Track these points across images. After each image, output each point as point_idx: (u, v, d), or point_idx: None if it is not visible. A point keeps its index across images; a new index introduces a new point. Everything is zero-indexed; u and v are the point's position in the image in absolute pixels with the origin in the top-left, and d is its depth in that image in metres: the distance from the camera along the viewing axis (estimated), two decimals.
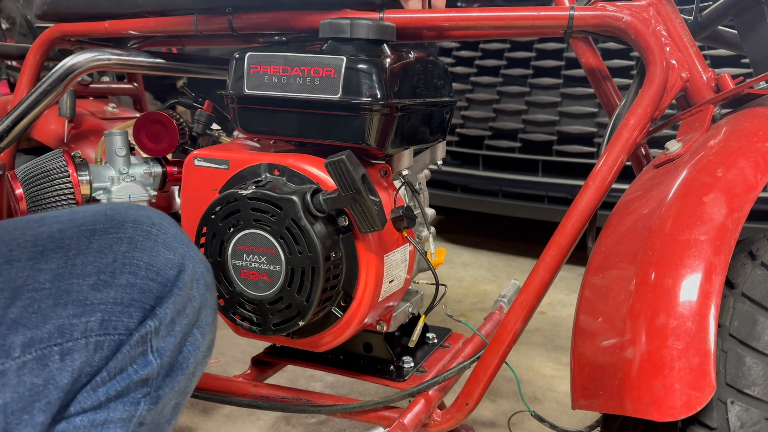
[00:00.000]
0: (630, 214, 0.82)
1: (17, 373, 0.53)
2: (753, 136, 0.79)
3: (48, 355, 0.54)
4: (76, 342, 0.56)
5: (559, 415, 1.61)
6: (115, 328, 0.57)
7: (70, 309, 0.56)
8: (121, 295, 0.58)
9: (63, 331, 0.55)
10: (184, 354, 0.63)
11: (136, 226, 0.61)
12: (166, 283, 0.60)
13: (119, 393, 0.58)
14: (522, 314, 0.93)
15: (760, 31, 1.05)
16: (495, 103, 2.73)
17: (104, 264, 0.58)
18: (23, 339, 0.54)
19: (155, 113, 1.28)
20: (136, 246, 0.60)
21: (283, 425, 1.55)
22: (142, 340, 0.59)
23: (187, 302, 0.62)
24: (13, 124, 1.18)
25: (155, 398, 0.61)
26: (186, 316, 0.63)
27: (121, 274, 0.58)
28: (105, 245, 0.58)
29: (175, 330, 0.62)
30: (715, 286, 0.69)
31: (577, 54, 1.11)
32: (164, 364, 0.61)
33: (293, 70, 0.94)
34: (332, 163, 0.85)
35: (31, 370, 0.54)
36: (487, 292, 2.48)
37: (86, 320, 0.56)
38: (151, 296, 0.59)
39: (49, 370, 0.54)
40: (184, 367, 0.63)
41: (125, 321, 0.58)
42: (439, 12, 1.00)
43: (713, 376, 0.66)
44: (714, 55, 2.31)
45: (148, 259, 0.60)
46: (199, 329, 0.65)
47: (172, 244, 0.62)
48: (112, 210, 0.62)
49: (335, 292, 0.96)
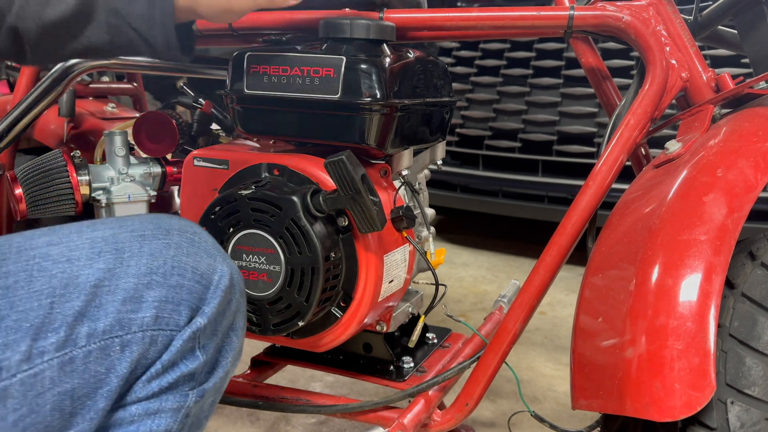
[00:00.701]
0: (630, 214, 0.82)
1: (83, 361, 0.58)
2: (753, 136, 0.79)
3: (110, 346, 0.60)
4: (134, 335, 0.61)
5: (559, 415, 1.61)
6: (167, 324, 0.62)
7: (128, 305, 0.61)
8: (172, 294, 0.63)
9: (122, 324, 0.60)
10: (222, 354, 0.68)
11: (182, 234, 0.66)
12: (209, 285, 0.65)
13: (170, 385, 0.63)
14: (522, 314, 0.93)
15: (760, 31, 1.05)
16: (495, 103, 2.73)
17: (156, 266, 0.63)
18: (88, 330, 0.59)
19: (155, 113, 1.28)
20: (183, 251, 0.65)
21: (283, 425, 1.55)
22: (192, 336, 0.64)
23: (227, 306, 0.67)
24: (12, 124, 1.18)
25: (201, 392, 0.66)
26: (226, 318, 0.68)
27: (171, 276, 0.63)
28: (155, 249, 0.63)
29: (217, 330, 0.67)
30: (715, 286, 0.69)
31: (577, 54, 1.11)
32: (208, 360, 0.66)
33: (293, 70, 0.94)
34: (332, 163, 0.85)
35: (96, 359, 0.59)
36: (487, 292, 2.48)
37: (142, 316, 0.61)
38: (197, 297, 0.64)
39: (111, 359, 0.60)
40: (223, 366, 0.68)
41: (176, 318, 0.63)
42: (439, 12, 1.00)
43: (713, 377, 0.66)
44: (714, 55, 2.31)
45: (194, 264, 0.65)
46: (234, 332, 0.70)
47: (211, 251, 0.67)
48: (158, 219, 0.67)
49: (335, 293, 0.96)
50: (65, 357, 0.58)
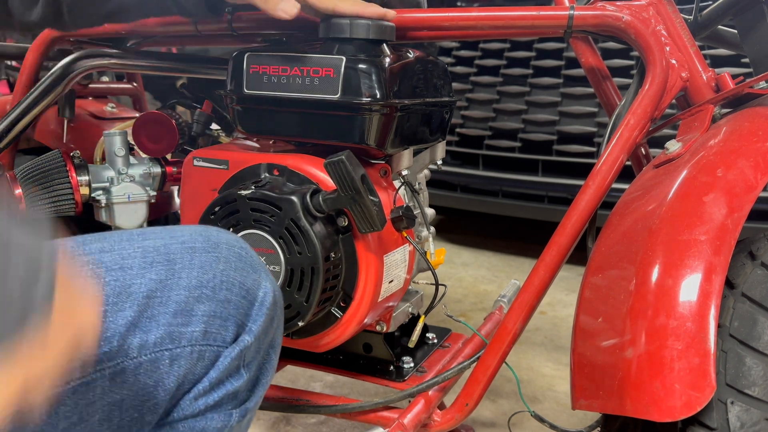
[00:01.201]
0: (630, 214, 0.82)
1: (134, 373, 0.57)
2: (753, 136, 0.79)
3: (160, 359, 0.58)
4: (183, 349, 0.59)
5: (559, 415, 1.60)
6: (215, 339, 0.61)
7: (179, 318, 0.59)
8: (221, 309, 0.61)
9: (173, 337, 0.59)
10: (263, 372, 0.67)
11: (230, 249, 0.65)
12: (254, 301, 0.64)
13: (216, 403, 0.62)
14: (522, 314, 0.93)
15: (760, 30, 1.05)
16: (495, 102, 2.73)
17: (206, 279, 0.61)
18: (139, 341, 0.57)
19: (154, 113, 1.28)
20: (231, 266, 0.63)
21: (283, 425, 1.55)
22: (239, 354, 0.62)
23: (270, 323, 0.66)
24: (12, 124, 1.18)
25: (243, 411, 0.65)
26: (268, 336, 0.67)
27: (219, 290, 0.62)
28: (205, 262, 0.62)
29: (260, 348, 0.66)
30: (715, 286, 0.69)
31: (577, 54, 1.11)
32: (251, 378, 0.65)
33: (292, 70, 0.94)
34: (331, 163, 0.85)
35: (145, 371, 0.58)
36: (487, 292, 2.48)
37: (192, 330, 0.60)
38: (243, 313, 0.63)
39: (160, 373, 0.58)
40: (263, 384, 0.68)
41: (223, 334, 0.61)
42: (439, 12, 1.00)
43: (713, 377, 0.66)
44: (714, 55, 2.31)
45: (241, 279, 0.63)
46: (274, 350, 0.69)
47: (257, 266, 0.66)
48: (207, 231, 0.65)
49: (335, 293, 0.96)
50: (117, 367, 0.57)
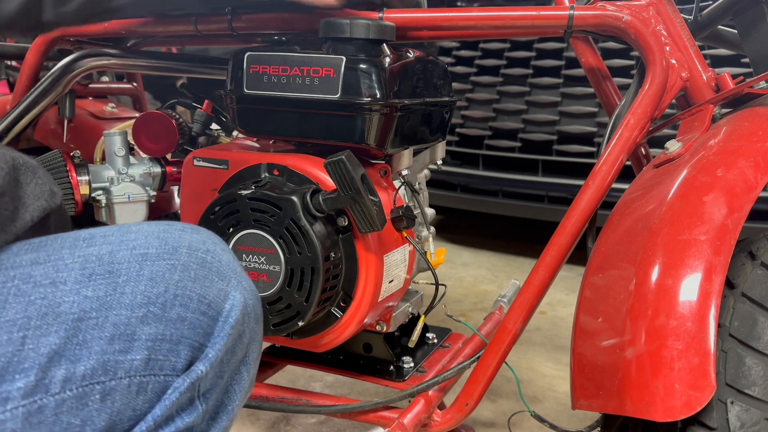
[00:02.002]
0: (630, 214, 0.82)
1: (54, 411, 0.49)
2: (753, 136, 0.79)
3: (88, 394, 0.50)
4: (119, 381, 0.51)
5: (559, 415, 1.60)
6: (161, 368, 0.53)
7: (117, 344, 0.51)
8: (171, 330, 0.53)
9: (107, 368, 0.51)
10: (229, 395, 0.59)
11: (191, 253, 0.56)
12: (217, 317, 0.56)
13: None
14: (522, 314, 0.93)
15: (760, 30, 1.05)
16: (495, 102, 2.73)
17: (155, 294, 0.53)
18: (65, 373, 0.49)
19: (154, 113, 1.28)
20: (189, 275, 0.55)
21: (283, 425, 1.55)
22: (191, 386, 0.54)
23: (238, 341, 0.58)
24: (12, 124, 1.18)
25: None
26: (235, 356, 0.58)
27: (171, 307, 0.53)
28: (158, 273, 0.53)
29: (223, 372, 0.57)
30: (715, 286, 0.69)
31: (577, 54, 1.11)
32: (209, 409, 0.57)
33: (292, 70, 0.94)
34: (331, 163, 0.85)
35: (70, 409, 0.49)
36: (487, 292, 2.48)
37: (132, 357, 0.51)
38: (200, 333, 0.55)
39: (88, 410, 0.50)
40: (229, 410, 0.59)
41: (172, 360, 0.53)
42: (439, 12, 1.00)
43: (713, 377, 0.66)
44: (714, 55, 2.31)
45: (201, 290, 0.55)
46: (246, 366, 0.61)
47: (225, 273, 0.58)
48: (165, 233, 0.56)
49: (335, 293, 0.96)
50: (33, 406, 0.48)
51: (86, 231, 0.56)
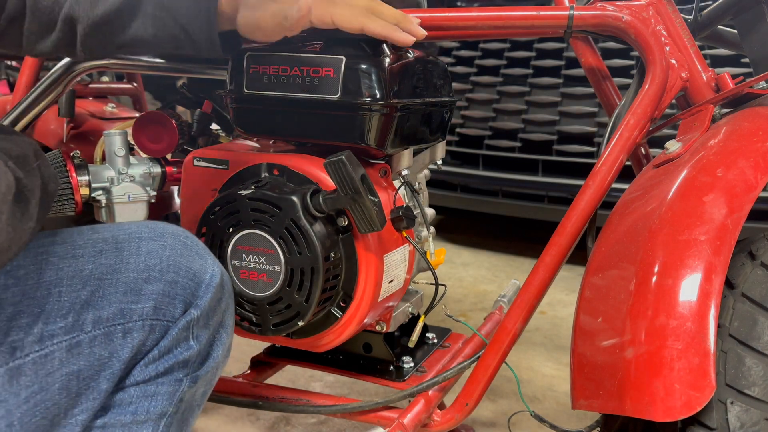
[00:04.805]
0: (630, 214, 0.82)
1: (89, 345, 0.64)
2: (753, 136, 0.79)
3: (113, 332, 0.65)
4: (135, 323, 0.66)
5: (559, 415, 1.60)
6: (164, 315, 0.68)
7: (129, 296, 0.66)
8: (168, 289, 0.68)
9: (124, 313, 0.66)
10: (214, 347, 0.75)
11: (175, 237, 0.71)
12: (201, 283, 0.71)
13: (166, 370, 0.69)
14: (522, 314, 0.93)
15: (760, 30, 1.05)
16: (495, 102, 2.73)
17: (153, 264, 0.68)
18: (93, 317, 0.64)
19: (154, 113, 1.28)
20: (177, 251, 0.70)
21: (283, 425, 1.55)
22: (186, 325, 0.70)
23: (218, 303, 0.73)
24: (12, 124, 1.18)
25: (194, 378, 0.72)
26: (217, 314, 0.74)
27: (167, 273, 0.69)
28: (152, 249, 0.69)
29: (209, 323, 0.73)
30: (715, 286, 0.69)
31: (577, 54, 1.11)
32: (201, 350, 0.72)
33: (292, 70, 0.94)
34: (331, 163, 0.85)
35: (100, 344, 0.64)
36: (487, 292, 2.48)
37: (142, 306, 0.67)
38: (190, 292, 0.70)
39: (114, 345, 0.65)
40: (214, 358, 0.75)
41: (172, 310, 0.69)
42: (439, 12, 1.00)
43: (713, 377, 0.66)
44: (714, 55, 2.31)
45: (187, 263, 0.70)
46: (224, 329, 0.76)
47: (203, 254, 0.73)
48: (153, 224, 0.72)
49: (335, 293, 0.96)
50: (73, 341, 0.63)
51: (87, 227, 0.71)
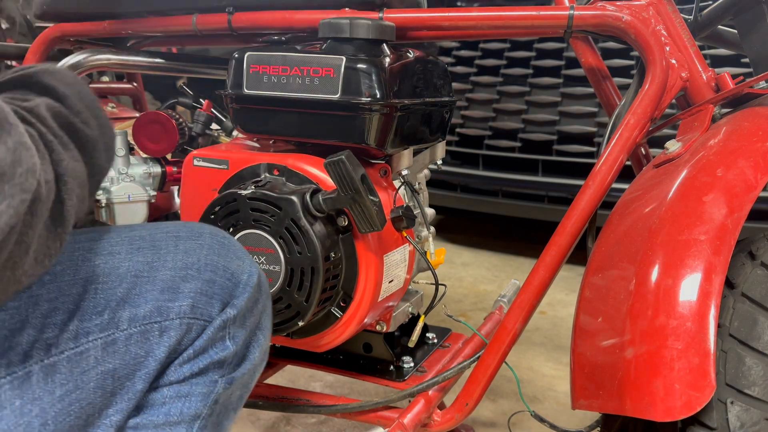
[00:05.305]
0: (630, 214, 0.82)
1: (125, 343, 0.62)
2: (753, 136, 0.79)
3: (149, 331, 0.64)
4: (172, 321, 0.65)
5: (559, 415, 1.60)
6: (201, 314, 0.66)
7: (166, 294, 0.65)
8: (206, 288, 0.67)
9: (161, 311, 0.64)
10: (250, 349, 0.72)
11: (213, 237, 0.70)
12: (238, 283, 0.69)
13: (201, 370, 0.67)
14: (522, 314, 0.93)
15: (760, 30, 1.05)
16: (495, 102, 2.73)
17: (190, 262, 0.67)
18: (129, 314, 0.63)
19: (154, 113, 1.28)
20: (214, 251, 0.69)
21: (283, 425, 1.55)
22: (223, 324, 0.68)
23: (255, 304, 0.72)
24: None
25: (230, 380, 0.70)
26: (254, 315, 0.72)
27: (204, 271, 0.67)
28: (190, 248, 0.68)
29: (246, 324, 0.71)
30: (715, 286, 0.69)
31: (577, 54, 1.11)
32: (238, 351, 0.70)
33: (292, 70, 0.94)
34: (331, 163, 0.85)
35: (136, 342, 0.63)
36: (487, 292, 2.48)
37: (179, 304, 0.65)
38: (227, 292, 0.68)
39: (150, 343, 0.64)
40: (251, 360, 0.72)
41: (209, 309, 0.67)
42: (439, 12, 1.00)
43: (713, 376, 0.66)
44: (714, 55, 2.31)
45: (224, 263, 0.69)
46: (261, 331, 0.74)
47: (240, 254, 0.72)
48: (190, 224, 0.72)
49: (335, 292, 0.96)
50: (108, 338, 0.62)
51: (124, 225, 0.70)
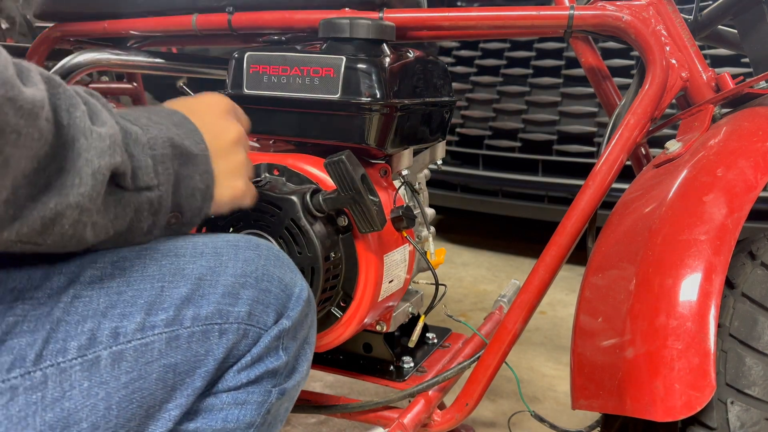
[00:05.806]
0: (630, 214, 0.82)
1: (187, 340, 0.64)
2: (753, 136, 0.79)
3: (210, 331, 0.66)
4: (231, 325, 0.67)
5: (559, 415, 1.60)
6: (257, 321, 0.68)
7: (227, 299, 0.67)
8: (263, 296, 0.69)
9: (222, 314, 0.66)
10: (299, 361, 0.75)
11: (269, 250, 0.72)
12: (291, 296, 0.72)
13: (257, 378, 0.69)
14: (522, 314, 0.93)
15: (760, 30, 1.05)
16: (495, 102, 2.73)
17: (249, 271, 0.69)
18: (192, 314, 0.65)
19: None
20: (271, 263, 0.71)
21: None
22: (278, 335, 0.70)
23: (305, 317, 0.74)
24: None
25: (282, 390, 0.72)
26: (304, 329, 0.74)
27: (261, 281, 0.69)
28: (249, 257, 0.70)
29: (297, 336, 0.73)
30: (715, 286, 0.69)
31: (577, 53, 1.11)
32: (289, 362, 0.72)
33: (292, 70, 0.94)
34: (331, 163, 0.85)
35: (198, 340, 0.65)
36: (487, 292, 2.48)
37: (239, 310, 0.67)
38: (281, 303, 0.71)
39: (210, 343, 0.66)
40: (300, 372, 0.75)
41: (265, 318, 0.69)
42: (439, 12, 1.00)
43: (713, 376, 0.66)
44: (714, 55, 2.31)
45: (280, 274, 0.71)
46: (309, 345, 0.76)
47: (293, 269, 0.74)
48: (248, 237, 0.73)
49: (335, 293, 0.96)
50: (172, 333, 0.64)
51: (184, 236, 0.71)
